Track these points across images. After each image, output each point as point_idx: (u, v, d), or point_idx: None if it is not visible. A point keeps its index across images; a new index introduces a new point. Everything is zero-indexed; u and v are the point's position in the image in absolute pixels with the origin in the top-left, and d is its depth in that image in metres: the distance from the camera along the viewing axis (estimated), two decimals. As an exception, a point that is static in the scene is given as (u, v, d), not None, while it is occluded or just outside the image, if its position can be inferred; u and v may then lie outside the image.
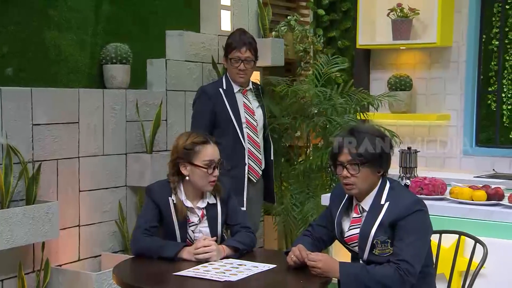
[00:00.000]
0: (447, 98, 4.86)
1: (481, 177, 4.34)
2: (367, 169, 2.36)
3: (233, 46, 3.50)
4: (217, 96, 3.51)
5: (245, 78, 3.54)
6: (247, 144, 3.52)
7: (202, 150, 2.63)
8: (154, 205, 2.65)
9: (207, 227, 2.67)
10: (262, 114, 3.64)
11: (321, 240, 2.58)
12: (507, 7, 4.63)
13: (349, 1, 5.19)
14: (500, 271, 2.83)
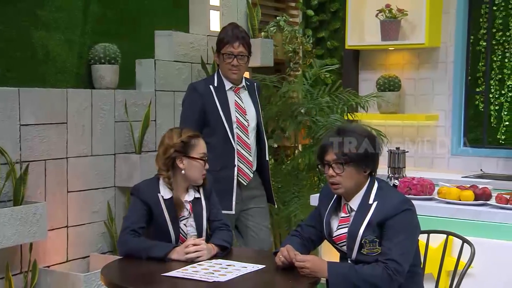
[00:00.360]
0: (435, 99, 4.89)
1: (468, 177, 4.37)
2: (352, 168, 2.38)
3: (226, 40, 3.33)
4: (207, 94, 3.35)
5: (238, 74, 3.36)
6: (236, 145, 3.34)
7: (197, 143, 2.72)
8: (143, 205, 2.65)
9: (194, 221, 2.71)
10: (255, 114, 3.44)
11: (310, 240, 2.58)
12: (494, 8, 4.67)
13: (338, 1, 5.20)
14: (487, 271, 2.85)
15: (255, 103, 3.46)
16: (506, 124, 4.67)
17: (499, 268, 2.84)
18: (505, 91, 4.67)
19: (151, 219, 2.66)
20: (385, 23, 4.82)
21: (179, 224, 2.68)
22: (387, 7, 4.81)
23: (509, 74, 4.64)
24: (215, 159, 3.18)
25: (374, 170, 2.45)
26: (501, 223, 2.89)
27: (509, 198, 2.97)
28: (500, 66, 4.68)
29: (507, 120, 4.67)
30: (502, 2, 4.63)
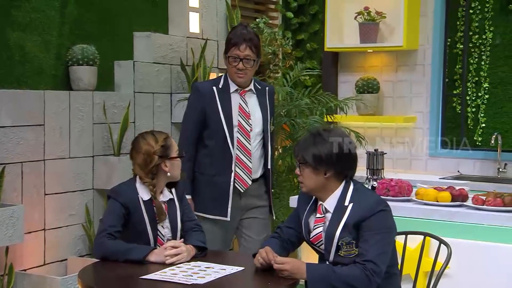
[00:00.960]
0: (413, 101, 4.92)
1: (446, 178, 4.41)
2: (309, 169, 2.42)
3: (232, 42, 3.16)
4: (209, 94, 3.19)
5: (244, 78, 3.19)
6: (235, 150, 3.18)
7: (172, 142, 2.74)
8: (121, 208, 2.62)
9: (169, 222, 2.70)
10: (261, 119, 3.24)
11: (289, 242, 2.59)
12: (470, 12, 4.72)
13: (317, 4, 5.22)
14: (464, 271, 2.88)
15: (264, 108, 3.27)
16: (483, 126, 4.72)
17: (476, 269, 2.87)
18: (481, 93, 4.72)
19: (127, 222, 2.64)
20: (363, 25, 4.85)
21: (157, 226, 2.66)
22: (365, 9, 4.84)
23: (485, 76, 4.70)
24: (212, 163, 3.18)
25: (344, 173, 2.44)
26: (477, 224, 2.93)
27: (485, 199, 3.00)
28: (476, 68, 4.73)
29: (483, 122, 4.72)
30: (478, 6, 4.69)
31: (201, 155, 3.22)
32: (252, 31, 3.21)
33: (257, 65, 3.23)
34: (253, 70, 3.21)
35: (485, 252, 2.86)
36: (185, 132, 3.25)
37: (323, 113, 4.18)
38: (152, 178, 2.67)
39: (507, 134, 4.61)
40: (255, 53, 3.17)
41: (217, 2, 4.64)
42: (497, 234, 2.87)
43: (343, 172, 2.44)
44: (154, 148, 2.67)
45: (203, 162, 3.22)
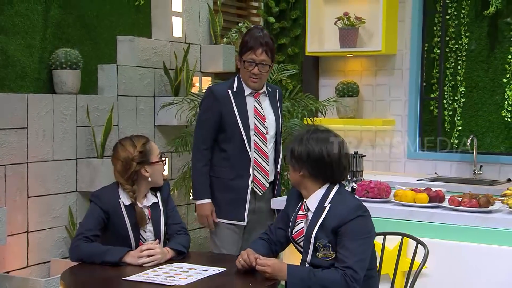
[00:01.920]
0: (392, 104, 4.96)
1: (424, 180, 4.44)
2: (290, 167, 2.47)
3: (249, 46, 3.05)
4: (225, 98, 3.09)
5: (258, 83, 3.11)
6: (253, 153, 3.10)
7: (152, 147, 2.70)
8: (101, 213, 2.61)
9: (152, 226, 2.68)
10: (274, 121, 3.19)
11: (278, 243, 2.59)
12: (447, 17, 4.77)
13: (298, 9, 5.24)
14: (440, 271, 2.89)
15: (276, 110, 3.22)
16: (459, 128, 4.76)
17: (452, 268, 2.89)
18: (458, 97, 4.76)
19: (108, 226, 2.62)
20: (343, 30, 4.87)
21: (139, 230, 2.64)
22: (345, 15, 4.86)
23: (461, 80, 4.74)
24: (230, 167, 3.09)
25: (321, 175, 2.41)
26: (454, 225, 2.95)
27: (461, 201, 3.02)
28: (453, 73, 4.78)
29: (460, 125, 4.76)
30: (454, 12, 4.74)
31: (217, 159, 3.13)
32: (268, 34, 3.11)
33: (271, 70, 3.18)
34: (267, 75, 3.16)
35: (461, 252, 2.88)
36: (201, 136, 3.13)
37: (304, 115, 4.19)
38: (133, 184, 2.64)
39: (483, 136, 4.66)
40: (271, 57, 3.09)
41: (199, 7, 4.63)
42: (472, 235, 2.89)
43: (321, 175, 2.42)
44: (132, 154, 2.64)
45: (220, 166, 3.13)
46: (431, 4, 4.83)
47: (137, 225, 2.63)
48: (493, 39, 4.62)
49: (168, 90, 4.31)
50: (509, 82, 4.58)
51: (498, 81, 4.63)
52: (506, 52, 4.58)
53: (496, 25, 4.60)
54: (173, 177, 4.36)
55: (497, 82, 4.63)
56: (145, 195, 2.71)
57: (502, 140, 4.63)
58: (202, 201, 3.12)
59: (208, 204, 3.11)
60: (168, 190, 2.80)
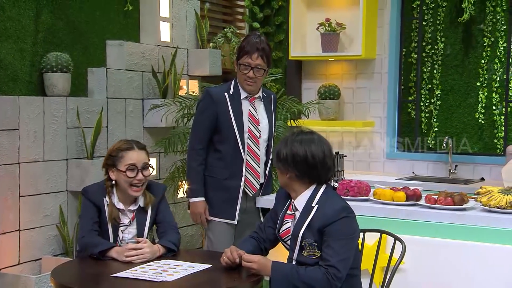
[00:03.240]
0: (372, 106, 4.98)
1: (402, 179, 4.47)
2: (278, 169, 2.46)
3: (245, 50, 3.06)
4: (222, 100, 3.09)
5: (253, 86, 3.10)
6: (246, 155, 3.10)
7: (125, 155, 2.63)
8: (92, 205, 2.62)
9: (136, 229, 2.66)
10: (268, 125, 3.18)
11: (268, 240, 2.58)
12: (424, 24, 4.80)
13: (282, 15, 5.25)
14: (417, 266, 2.91)
15: (270, 115, 3.22)
16: (435, 130, 4.80)
17: (428, 263, 2.91)
18: (434, 100, 4.80)
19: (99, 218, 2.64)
20: (325, 35, 4.89)
21: (118, 229, 2.63)
22: (327, 21, 4.88)
23: (437, 84, 4.78)
24: (224, 167, 3.10)
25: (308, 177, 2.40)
26: (430, 222, 2.97)
27: (437, 199, 3.05)
28: (429, 76, 4.82)
29: (436, 126, 4.80)
30: (430, 18, 4.77)
31: (212, 159, 3.13)
32: (264, 40, 3.10)
33: (266, 74, 3.16)
34: (263, 79, 3.15)
35: (437, 248, 2.90)
36: (198, 136, 3.12)
37: (287, 117, 4.20)
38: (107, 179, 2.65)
39: (458, 137, 4.70)
40: (266, 62, 3.09)
41: (187, 12, 4.63)
42: (448, 231, 2.91)
43: (307, 176, 2.40)
44: (107, 154, 2.67)
45: (214, 165, 3.12)
46: (408, 10, 4.86)
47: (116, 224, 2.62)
48: (467, 45, 4.66)
49: (156, 93, 4.30)
50: (483, 86, 4.62)
51: (472, 85, 4.67)
52: (480, 57, 4.62)
53: (470, 31, 4.64)
54: (161, 177, 4.35)
55: (471, 86, 4.68)
56: (135, 199, 2.68)
57: (476, 141, 4.67)
58: (195, 199, 3.11)
59: (201, 202, 3.10)
60: (161, 194, 2.76)
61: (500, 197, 2.92)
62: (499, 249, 2.80)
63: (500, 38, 4.54)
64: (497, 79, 4.57)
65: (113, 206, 2.62)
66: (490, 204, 2.92)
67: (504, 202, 2.89)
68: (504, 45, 4.53)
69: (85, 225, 2.59)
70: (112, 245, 2.54)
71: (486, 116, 4.62)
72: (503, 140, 4.56)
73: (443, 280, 2.87)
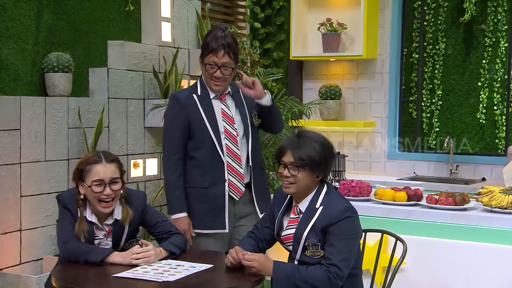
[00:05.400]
0: (373, 107, 4.98)
1: (403, 179, 4.47)
2: (306, 172, 2.37)
3: (209, 48, 2.79)
4: (191, 103, 2.84)
5: (222, 86, 2.85)
6: (226, 158, 2.85)
7: (92, 170, 2.46)
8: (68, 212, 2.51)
9: (111, 242, 2.55)
10: (241, 121, 2.91)
11: (264, 240, 2.57)
12: (425, 24, 4.80)
13: (283, 15, 5.25)
14: (418, 266, 2.92)
15: (242, 108, 2.93)
16: (437, 130, 4.80)
17: (429, 263, 2.91)
18: (435, 100, 4.80)
19: None
20: (326, 36, 4.89)
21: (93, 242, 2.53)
22: (328, 21, 4.88)
23: (438, 84, 4.78)
24: (203, 175, 2.84)
25: (326, 176, 2.44)
26: (431, 222, 2.97)
27: (438, 199, 3.05)
28: (430, 76, 4.81)
29: (437, 126, 4.80)
30: (432, 18, 4.77)
31: (189, 168, 2.87)
32: (230, 34, 2.84)
33: (235, 72, 2.90)
34: (231, 77, 2.88)
35: (438, 248, 2.91)
36: (170, 147, 2.87)
37: (288, 117, 4.20)
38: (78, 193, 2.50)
39: (459, 137, 4.70)
40: (233, 59, 2.82)
41: (188, 12, 4.63)
42: (449, 231, 2.91)
43: (326, 176, 2.43)
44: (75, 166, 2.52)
45: (193, 175, 2.86)
46: (409, 11, 4.86)
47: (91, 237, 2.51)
48: (468, 45, 4.66)
49: (157, 93, 4.30)
50: (484, 86, 4.62)
51: (473, 85, 4.67)
52: (481, 57, 4.62)
53: (471, 31, 4.64)
54: (162, 177, 4.34)
55: (472, 86, 4.67)
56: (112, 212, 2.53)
57: (477, 141, 4.67)
58: (177, 215, 2.84)
59: (184, 218, 2.84)
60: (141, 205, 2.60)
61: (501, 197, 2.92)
62: (500, 249, 2.80)
63: (501, 38, 4.54)
64: (498, 79, 4.57)
65: (82, 220, 2.48)
66: (491, 204, 2.92)
67: (505, 202, 2.89)
68: (505, 45, 4.53)
69: (66, 230, 2.48)
70: (112, 250, 2.47)
71: (487, 116, 4.62)
72: (505, 140, 4.56)
73: (444, 280, 2.87)
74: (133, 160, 4.14)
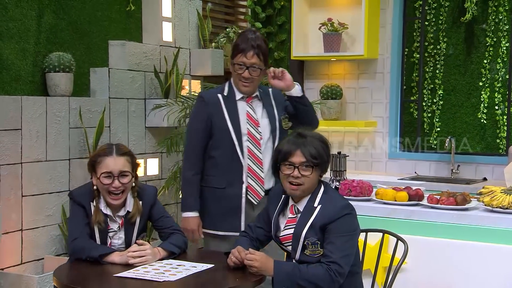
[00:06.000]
0: (374, 106, 4.98)
1: (404, 179, 4.47)
2: (316, 171, 2.39)
3: (240, 48, 2.80)
4: (215, 103, 2.85)
5: (249, 87, 2.84)
6: (246, 160, 2.82)
7: (102, 162, 2.50)
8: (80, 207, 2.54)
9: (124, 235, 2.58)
10: (268, 124, 2.89)
11: (257, 241, 2.58)
12: (426, 23, 4.80)
13: (284, 15, 5.25)
14: (419, 266, 2.91)
15: (271, 112, 2.92)
16: (438, 130, 4.80)
17: (430, 263, 2.91)
18: (436, 100, 4.80)
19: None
20: (327, 35, 4.89)
21: (107, 235, 2.56)
22: (329, 21, 4.88)
23: (440, 84, 4.78)
24: (220, 175, 2.84)
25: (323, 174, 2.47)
26: (432, 222, 2.97)
27: (439, 199, 3.05)
28: (432, 76, 4.81)
29: (438, 126, 4.80)
30: (433, 18, 4.77)
31: (206, 167, 2.88)
32: (261, 37, 2.84)
33: (263, 74, 2.87)
34: (260, 79, 2.87)
35: (440, 248, 2.90)
36: (190, 144, 2.90)
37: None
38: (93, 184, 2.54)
39: (460, 137, 4.70)
40: (263, 61, 2.82)
41: (189, 12, 4.63)
42: (450, 231, 2.91)
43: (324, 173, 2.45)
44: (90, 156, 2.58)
45: (210, 174, 2.87)
46: (410, 10, 4.86)
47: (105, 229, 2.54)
48: (469, 44, 4.65)
49: (158, 92, 4.30)
50: (485, 86, 4.62)
51: (474, 85, 4.67)
52: (482, 56, 4.62)
53: (472, 31, 4.64)
54: (163, 177, 4.35)
55: (474, 86, 4.67)
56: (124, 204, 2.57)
57: (478, 141, 4.67)
58: (187, 214, 2.87)
59: (194, 218, 2.85)
60: (152, 199, 2.64)
61: (502, 197, 2.92)
62: (501, 249, 2.79)
63: (502, 38, 4.54)
64: (500, 79, 4.57)
65: (98, 211, 2.52)
66: (492, 204, 2.92)
67: (506, 202, 2.89)
68: (506, 45, 4.53)
69: (77, 227, 2.51)
70: (114, 250, 2.49)
71: (489, 116, 4.61)
72: (506, 140, 4.56)
73: (446, 280, 2.87)
74: (134, 160, 4.14)
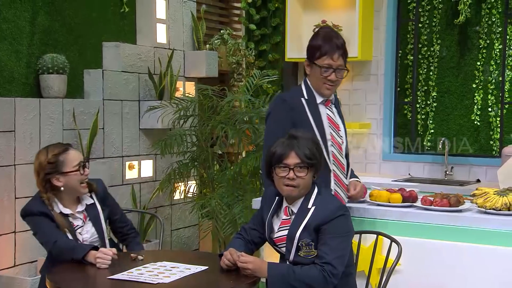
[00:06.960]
0: (368, 108, 4.99)
1: (398, 181, 4.47)
2: (311, 172, 2.40)
3: (324, 50, 2.64)
4: (299, 107, 2.68)
5: (332, 90, 2.72)
6: (332, 166, 2.71)
7: (67, 157, 2.58)
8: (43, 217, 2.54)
9: (93, 226, 2.63)
10: (344, 130, 2.82)
11: (252, 242, 2.58)
12: (420, 26, 4.81)
13: (278, 17, 5.25)
14: (413, 268, 2.92)
15: (342, 119, 2.85)
16: (431, 132, 4.81)
17: (424, 265, 2.91)
18: (430, 102, 4.81)
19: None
20: (321, 37, 4.89)
21: (75, 233, 2.58)
22: (323, 22, 4.88)
23: (433, 86, 4.79)
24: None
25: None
26: (426, 223, 2.97)
27: (433, 200, 3.05)
28: (425, 78, 4.82)
29: (432, 128, 4.81)
30: (426, 20, 4.79)
31: None
32: (341, 37, 2.72)
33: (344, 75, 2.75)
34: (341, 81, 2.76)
35: (433, 250, 2.91)
36: None
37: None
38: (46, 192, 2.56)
39: (454, 139, 4.71)
40: (345, 62, 2.72)
41: (183, 14, 4.63)
42: (444, 233, 2.92)
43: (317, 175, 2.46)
44: (42, 164, 2.58)
45: None
46: (404, 12, 4.88)
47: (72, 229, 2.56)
48: (463, 47, 4.67)
49: (152, 94, 4.30)
50: (478, 88, 4.63)
51: (468, 87, 4.68)
52: (475, 58, 4.63)
53: (466, 33, 4.66)
54: (157, 179, 4.34)
55: (467, 87, 4.69)
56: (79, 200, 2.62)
57: (472, 142, 4.68)
58: None
59: None
60: (103, 188, 2.72)
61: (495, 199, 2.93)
62: (494, 250, 2.80)
63: (495, 40, 4.56)
64: (493, 81, 4.58)
65: (59, 216, 2.55)
66: (485, 206, 2.92)
67: (499, 203, 2.89)
68: (499, 47, 4.55)
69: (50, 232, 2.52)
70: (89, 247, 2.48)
71: (482, 118, 4.63)
72: (499, 141, 4.58)
73: (439, 282, 2.88)
74: (128, 162, 4.13)
